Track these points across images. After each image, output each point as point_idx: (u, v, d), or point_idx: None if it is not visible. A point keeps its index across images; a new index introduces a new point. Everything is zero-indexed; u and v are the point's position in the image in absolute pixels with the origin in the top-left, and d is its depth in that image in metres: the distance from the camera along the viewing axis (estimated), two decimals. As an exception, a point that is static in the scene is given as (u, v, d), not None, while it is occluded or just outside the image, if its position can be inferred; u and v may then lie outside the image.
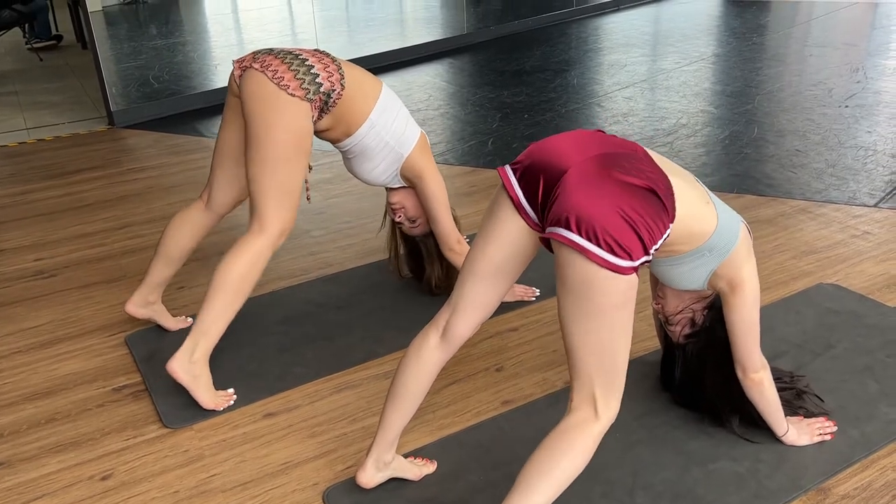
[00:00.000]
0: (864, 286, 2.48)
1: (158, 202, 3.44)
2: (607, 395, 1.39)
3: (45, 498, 1.75)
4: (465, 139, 4.16)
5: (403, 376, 1.60)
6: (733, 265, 1.63)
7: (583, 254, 1.33)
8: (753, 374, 1.72)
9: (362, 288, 2.61)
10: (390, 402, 1.62)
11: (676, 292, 1.77)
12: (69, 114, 5.00)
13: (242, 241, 2.00)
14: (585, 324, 1.36)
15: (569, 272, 1.36)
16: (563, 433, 1.39)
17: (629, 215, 1.34)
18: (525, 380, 2.11)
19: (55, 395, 2.12)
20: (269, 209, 1.99)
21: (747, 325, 1.68)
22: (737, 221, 1.65)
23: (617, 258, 1.32)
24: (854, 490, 1.68)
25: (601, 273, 1.33)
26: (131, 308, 2.30)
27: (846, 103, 4.43)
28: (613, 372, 1.39)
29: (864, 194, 3.19)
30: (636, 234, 1.34)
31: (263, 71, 1.97)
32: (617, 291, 1.34)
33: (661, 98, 4.76)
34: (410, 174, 2.26)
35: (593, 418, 1.39)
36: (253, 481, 1.78)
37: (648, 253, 1.37)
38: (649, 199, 1.37)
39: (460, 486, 1.73)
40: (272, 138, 1.96)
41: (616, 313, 1.36)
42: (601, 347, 1.37)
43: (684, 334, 1.82)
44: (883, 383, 2.00)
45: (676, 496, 1.67)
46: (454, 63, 5.98)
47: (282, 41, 6.12)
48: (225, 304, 1.97)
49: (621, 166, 1.39)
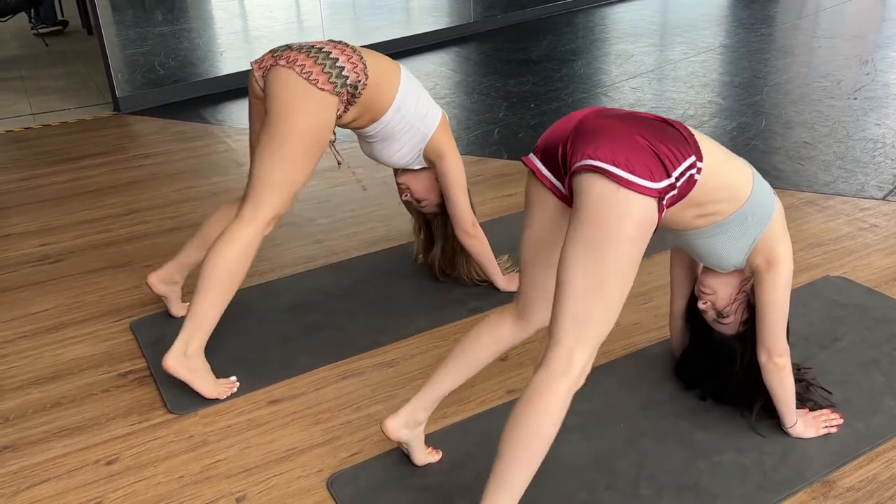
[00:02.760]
0: (871, 279, 2.47)
1: (164, 188, 3.44)
2: (585, 344, 1.33)
3: (51, 482, 1.76)
4: (471, 128, 4.14)
5: (472, 342, 1.61)
6: (771, 239, 1.62)
7: (602, 174, 1.31)
8: (778, 359, 1.70)
9: (368, 276, 2.61)
10: (446, 364, 1.62)
11: (724, 280, 1.73)
12: (75, 99, 4.99)
13: (233, 228, 1.96)
14: (591, 254, 1.30)
15: (584, 198, 1.33)
16: (529, 401, 1.33)
17: (648, 139, 1.35)
18: (529, 369, 2.10)
19: (61, 379, 2.12)
20: (267, 199, 1.97)
21: (779, 305, 1.66)
22: (770, 191, 1.63)
23: (636, 177, 1.30)
24: (859, 483, 1.68)
25: (619, 193, 1.30)
26: (154, 280, 2.28)
27: (855, 95, 4.40)
28: (601, 315, 1.32)
29: (873, 187, 3.18)
30: (655, 155, 1.34)
31: (291, 66, 1.95)
32: (632, 215, 1.30)
33: (669, 89, 4.74)
34: (433, 154, 2.26)
35: (563, 372, 1.32)
36: (257, 467, 1.78)
37: (670, 175, 1.35)
38: (667, 129, 1.40)
39: (465, 474, 1.73)
40: (295, 131, 1.94)
41: (625, 246, 1.31)
42: (599, 281, 1.30)
43: (742, 320, 1.75)
44: (889, 377, 1.99)
45: (681, 487, 1.67)
46: (460, 52, 5.96)
47: (287, 28, 6.09)
48: (217, 295, 1.95)
49: (633, 113, 1.43)
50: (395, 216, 3.06)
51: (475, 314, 2.36)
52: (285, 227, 3.01)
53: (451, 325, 2.31)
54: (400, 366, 2.13)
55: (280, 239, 2.92)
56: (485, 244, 2.36)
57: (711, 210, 1.53)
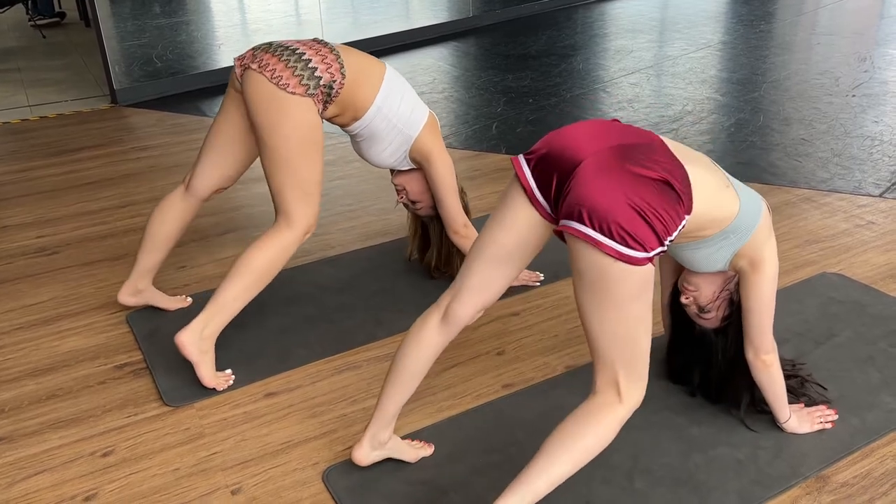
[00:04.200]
0: (867, 276, 2.47)
1: (161, 181, 3.43)
2: (630, 380, 1.40)
3: (46, 473, 1.75)
4: (470, 123, 4.14)
5: (403, 356, 1.60)
6: (755, 244, 1.63)
7: (596, 247, 1.33)
8: (765, 356, 1.71)
9: (364, 270, 2.61)
10: (389, 382, 1.62)
11: (708, 279, 1.74)
12: (72, 91, 4.98)
13: (271, 233, 2.02)
14: (603, 314, 1.37)
15: (583, 265, 1.36)
16: (588, 413, 1.40)
17: (642, 208, 1.33)
18: (526, 364, 2.11)
19: (57, 371, 2.12)
20: (294, 207, 2.01)
21: (765, 304, 1.67)
22: (758, 201, 1.64)
23: (630, 250, 1.32)
24: (853, 478, 1.68)
25: (616, 265, 1.33)
26: (123, 298, 2.30)
27: (853, 92, 4.40)
28: (635, 358, 1.40)
29: (870, 184, 3.18)
30: (649, 226, 1.33)
31: (262, 72, 1.96)
32: (632, 282, 1.34)
33: (667, 85, 4.73)
34: (419, 156, 2.25)
35: (617, 402, 1.40)
36: (253, 460, 1.78)
37: (663, 244, 1.37)
38: (664, 190, 1.37)
39: (460, 468, 1.73)
40: (282, 138, 1.96)
41: (633, 304, 1.36)
42: (621, 336, 1.37)
43: (723, 316, 1.77)
44: (885, 373, 2.00)
45: (676, 481, 1.67)
46: (459, 46, 5.94)
47: (286, 22, 6.08)
48: (246, 286, 1.98)
49: (635, 158, 1.38)
50: (392, 210, 3.05)
51: (472, 308, 2.36)
52: (282, 220, 3.01)
53: (447, 319, 2.31)
54: (396, 359, 2.13)
55: (277, 232, 2.91)
56: None
57: (695, 236, 1.56)
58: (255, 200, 3.19)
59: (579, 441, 1.39)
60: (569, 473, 1.40)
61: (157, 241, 2.25)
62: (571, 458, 1.39)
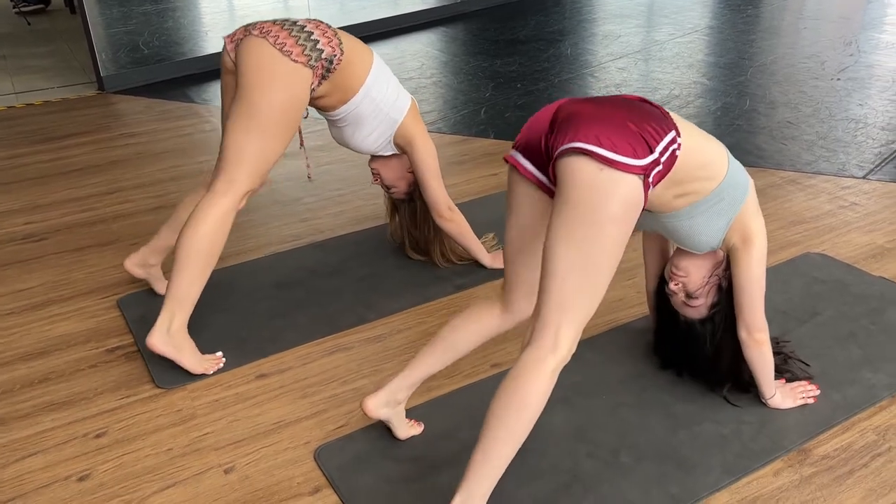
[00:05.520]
0: (850, 255, 2.51)
1: (149, 167, 3.43)
2: (572, 324, 1.35)
3: (40, 455, 1.77)
4: (458, 108, 4.14)
5: (456, 329, 1.62)
6: (746, 217, 1.66)
7: (586, 154, 1.32)
8: (758, 335, 1.73)
9: (353, 254, 2.62)
10: (431, 347, 1.64)
11: (697, 263, 1.75)
12: (58, 78, 4.95)
13: (205, 204, 1.93)
14: (576, 234, 1.32)
15: (568, 181, 1.34)
16: (518, 375, 1.36)
17: (629, 119, 1.36)
18: (513, 344, 2.13)
19: (48, 355, 2.13)
20: (242, 173, 1.95)
21: (756, 280, 1.69)
22: (745, 172, 1.67)
23: (621, 156, 1.32)
24: (834, 451, 1.72)
25: (604, 173, 1.31)
26: (130, 265, 2.29)
27: (838, 76, 4.43)
28: (587, 296, 1.34)
29: (854, 166, 3.21)
30: (638, 133, 1.35)
31: (264, 37, 1.93)
32: (618, 195, 1.32)
33: (655, 69, 4.75)
34: (402, 141, 2.26)
35: (550, 352, 1.35)
36: (245, 440, 1.80)
37: (654, 151, 1.37)
38: (644, 107, 1.42)
39: (450, 445, 1.75)
40: (269, 103, 1.92)
41: (612, 226, 1.32)
42: (585, 264, 1.32)
43: (711, 303, 1.77)
44: (866, 349, 2.04)
45: (661, 455, 1.71)
46: (447, 31, 5.94)
47: (273, 7, 6.05)
48: (196, 271, 1.93)
49: (610, 96, 1.46)
50: (381, 195, 3.07)
51: (461, 290, 2.38)
52: (272, 205, 3.02)
53: (436, 301, 2.33)
54: (386, 341, 2.15)
55: (266, 218, 2.92)
56: (463, 226, 2.37)
57: (691, 189, 1.56)
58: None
59: (513, 413, 1.34)
60: (514, 449, 1.36)
61: (182, 223, 2.24)
62: (509, 435, 1.34)
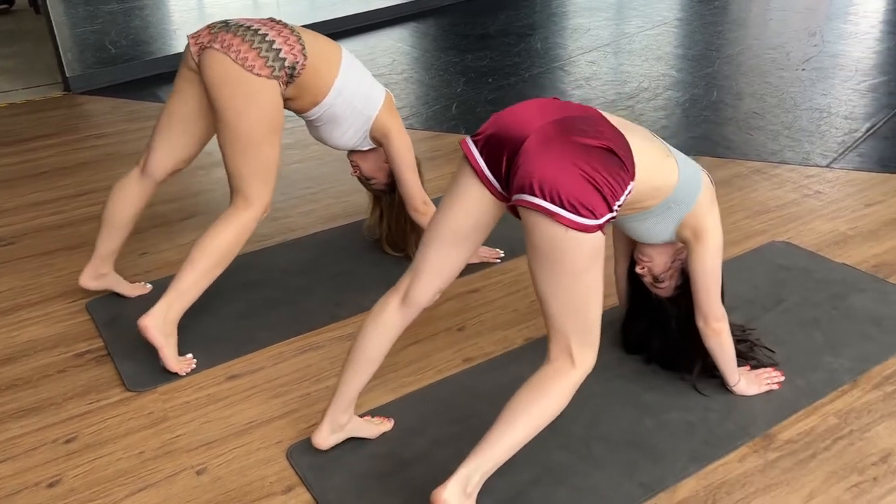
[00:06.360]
0: (814, 243, 2.56)
1: (118, 168, 3.39)
2: (583, 347, 1.45)
3: (9, 462, 1.76)
4: (430, 104, 4.15)
5: (363, 340, 1.63)
6: (698, 214, 1.69)
7: (548, 216, 1.37)
8: (715, 324, 1.77)
9: (325, 252, 2.62)
10: (349, 366, 1.65)
11: (660, 249, 1.81)
12: (23, 80, 4.88)
13: (228, 214, 2.02)
14: (557, 284, 1.41)
15: (536, 236, 1.41)
16: (543, 379, 1.46)
17: (590, 175, 1.38)
18: (486, 338, 2.15)
19: (16, 361, 2.11)
20: (252, 188, 2.01)
21: (710, 273, 1.73)
22: (698, 171, 1.70)
23: (581, 217, 1.36)
24: (798, 435, 1.76)
25: (568, 234, 1.37)
26: (84, 281, 2.29)
27: (803, 66, 4.50)
28: (587, 327, 1.45)
29: (818, 155, 3.27)
30: (598, 193, 1.38)
31: (226, 52, 1.93)
32: (584, 251, 1.39)
33: (624, 62, 4.79)
34: (378, 134, 2.27)
35: (571, 367, 1.45)
36: (217, 441, 1.80)
37: (612, 209, 1.41)
38: (608, 157, 1.42)
39: (422, 440, 1.77)
40: (246, 123, 1.95)
41: (585, 274, 1.41)
42: (574, 306, 1.42)
43: (676, 285, 1.84)
44: (828, 335, 2.08)
45: (631, 444, 1.73)
46: (418, 27, 5.93)
47: (243, 4, 6.00)
48: (206, 268, 1.99)
49: (579, 129, 1.43)
50: (352, 192, 3.07)
51: (432, 286, 2.39)
52: (242, 205, 3.00)
53: (408, 297, 2.34)
54: (358, 338, 2.16)
55: (237, 217, 2.91)
56: None
57: (639, 206, 1.62)
58: (216, 185, 3.18)
59: (535, 406, 1.44)
60: (527, 438, 1.45)
61: (115, 225, 2.23)
62: (528, 423, 1.44)
